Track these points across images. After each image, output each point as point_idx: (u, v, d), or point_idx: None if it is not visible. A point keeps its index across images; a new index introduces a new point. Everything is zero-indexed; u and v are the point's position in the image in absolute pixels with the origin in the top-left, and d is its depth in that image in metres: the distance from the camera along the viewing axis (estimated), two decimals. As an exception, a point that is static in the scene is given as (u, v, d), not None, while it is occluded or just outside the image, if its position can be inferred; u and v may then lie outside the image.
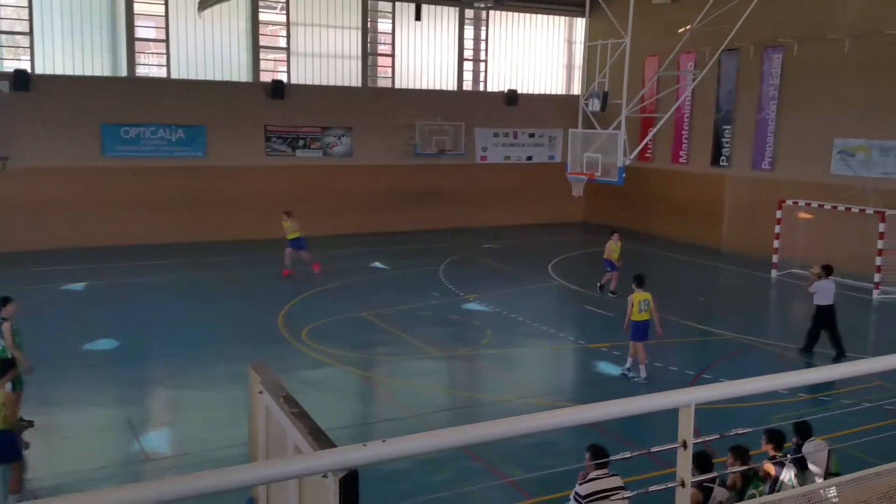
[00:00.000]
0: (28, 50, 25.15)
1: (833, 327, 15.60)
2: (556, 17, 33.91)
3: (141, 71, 26.92)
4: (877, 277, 21.08)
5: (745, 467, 7.95)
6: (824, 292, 15.60)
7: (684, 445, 3.52)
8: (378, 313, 18.49)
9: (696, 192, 28.95)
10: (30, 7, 24.91)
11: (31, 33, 25.11)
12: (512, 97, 32.61)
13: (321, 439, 2.83)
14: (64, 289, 20.06)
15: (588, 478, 7.57)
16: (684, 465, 3.54)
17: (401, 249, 26.98)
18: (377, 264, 24.59)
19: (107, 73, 26.26)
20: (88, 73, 25.82)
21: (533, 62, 33.83)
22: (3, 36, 25.55)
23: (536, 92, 33.73)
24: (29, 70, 24.73)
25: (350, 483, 4.89)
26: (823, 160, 24.58)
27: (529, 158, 33.38)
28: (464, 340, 16.77)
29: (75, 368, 14.20)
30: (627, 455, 4.15)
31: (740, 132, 27.49)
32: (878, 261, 21.09)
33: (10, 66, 24.99)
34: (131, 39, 26.40)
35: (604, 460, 7.50)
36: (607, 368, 15.08)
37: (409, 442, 2.89)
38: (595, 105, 17.57)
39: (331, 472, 5.08)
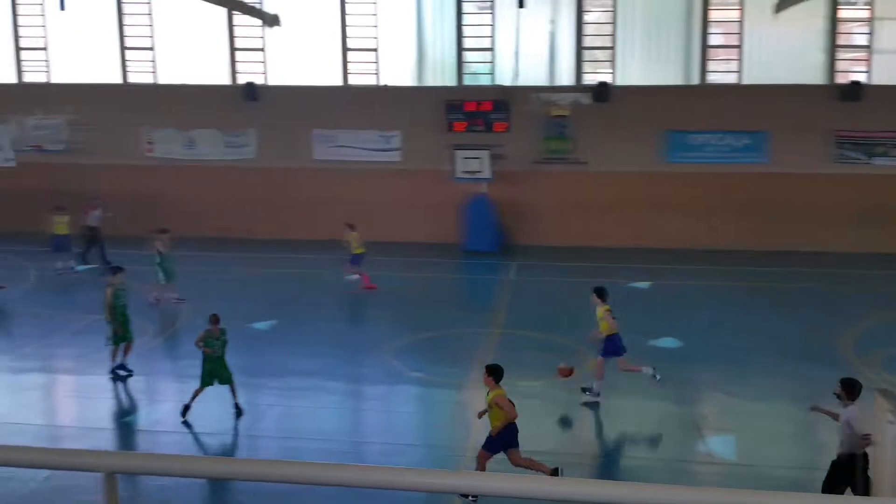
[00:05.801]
0: (609, 63, 27.35)
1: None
2: None
3: (711, 78, 27.20)
4: None
5: None
6: (854, 422, 8.74)
7: None
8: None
9: None
10: (613, 23, 27.07)
11: (613, 47, 27.26)
12: None
13: None
14: (631, 286, 20.98)
15: None
16: None
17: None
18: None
19: (679, 81, 27.14)
20: (662, 82, 26.93)
21: None
22: (586, 52, 27.95)
23: None
24: (610, 82, 26.80)
25: None
26: None
27: None
28: None
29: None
30: None
31: None
32: None
33: (591, 79, 27.27)
34: (704, 47, 26.92)
35: None
36: None
37: None
38: None
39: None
